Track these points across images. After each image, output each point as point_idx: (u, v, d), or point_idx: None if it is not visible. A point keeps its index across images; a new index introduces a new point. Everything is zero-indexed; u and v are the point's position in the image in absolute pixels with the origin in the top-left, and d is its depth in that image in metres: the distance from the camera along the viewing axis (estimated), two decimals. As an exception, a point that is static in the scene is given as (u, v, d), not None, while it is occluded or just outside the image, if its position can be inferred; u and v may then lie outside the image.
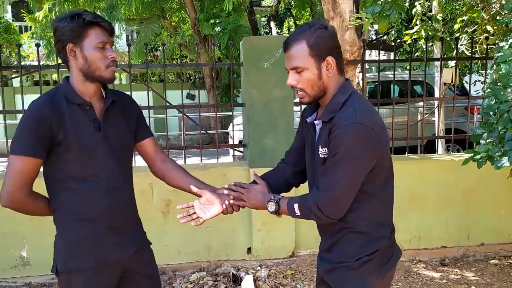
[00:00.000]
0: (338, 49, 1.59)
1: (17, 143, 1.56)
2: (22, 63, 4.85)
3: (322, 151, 1.56)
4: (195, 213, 1.79)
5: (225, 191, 1.76)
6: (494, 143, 2.50)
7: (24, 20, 12.22)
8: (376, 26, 3.95)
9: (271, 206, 1.65)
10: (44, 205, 1.69)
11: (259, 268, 3.60)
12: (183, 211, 1.81)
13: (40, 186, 1.67)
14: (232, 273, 3.41)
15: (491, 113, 2.56)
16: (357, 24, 4.02)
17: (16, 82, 11.59)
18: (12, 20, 16.01)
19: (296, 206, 1.60)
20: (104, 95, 1.71)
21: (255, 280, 3.32)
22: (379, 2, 3.50)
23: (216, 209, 1.76)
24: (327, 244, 1.67)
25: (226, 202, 1.75)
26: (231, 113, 4.51)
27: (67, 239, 1.67)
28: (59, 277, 1.69)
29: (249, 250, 3.80)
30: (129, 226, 1.77)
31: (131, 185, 1.80)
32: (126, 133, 1.76)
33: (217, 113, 4.23)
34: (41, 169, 1.65)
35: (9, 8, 16.33)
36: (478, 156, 2.56)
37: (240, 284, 3.27)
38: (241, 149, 4.52)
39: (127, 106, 1.80)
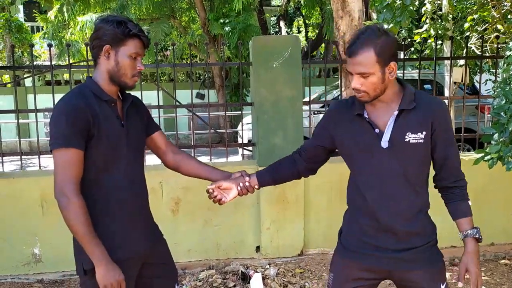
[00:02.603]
0: (397, 54, 1.71)
1: (58, 138, 1.60)
2: (34, 63, 4.92)
3: (416, 136, 1.67)
4: (215, 196, 1.95)
5: (237, 174, 1.96)
6: (505, 144, 2.48)
7: (36, 20, 12.36)
8: (385, 26, 3.95)
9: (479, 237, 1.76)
10: (86, 210, 1.62)
11: (267, 266, 3.62)
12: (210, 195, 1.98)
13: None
14: (241, 271, 3.43)
15: (502, 113, 2.54)
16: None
17: (28, 82, 11.72)
18: (24, 20, 16.18)
19: (470, 217, 1.77)
20: (120, 96, 1.81)
21: (263, 279, 3.34)
22: (390, 9, 3.50)
23: (234, 192, 1.94)
24: (403, 232, 1.71)
25: (241, 184, 1.91)
26: (240, 112, 4.53)
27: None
28: (87, 276, 1.66)
29: (258, 248, 3.82)
30: (146, 219, 1.84)
31: (145, 180, 1.87)
32: (141, 131, 1.86)
33: (226, 113, 4.25)
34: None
35: (21, 8, 16.51)
36: (489, 157, 2.55)
37: (249, 282, 3.29)
38: (250, 148, 4.54)
39: (139, 105, 1.90)
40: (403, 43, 4.27)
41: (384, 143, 1.69)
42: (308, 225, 3.79)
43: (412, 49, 6.54)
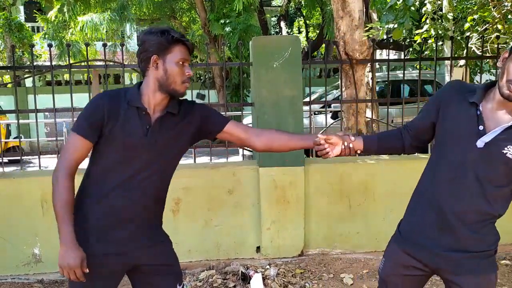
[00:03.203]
0: None
1: (75, 123, 1.74)
2: (35, 63, 4.91)
3: None
4: (325, 148, 1.90)
5: (341, 133, 1.93)
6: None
7: (37, 20, 12.36)
8: (387, 27, 3.95)
9: None
10: (73, 192, 1.72)
11: (268, 266, 3.62)
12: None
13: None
14: (241, 271, 3.42)
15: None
16: (371, 36, 4.01)
17: (28, 82, 11.74)
18: (25, 20, 16.19)
19: None
20: (166, 106, 1.80)
21: (264, 279, 3.34)
22: (392, 10, 3.50)
23: (337, 149, 1.90)
24: (462, 234, 1.68)
25: (345, 144, 1.89)
26: (240, 112, 4.53)
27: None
28: None
29: (258, 248, 3.82)
30: (141, 225, 1.81)
31: (161, 192, 1.87)
32: (176, 143, 1.83)
33: (227, 113, 4.25)
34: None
35: (21, 8, 16.52)
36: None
37: (249, 283, 3.28)
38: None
39: (189, 114, 1.86)
40: (403, 43, 4.26)
41: (481, 142, 1.62)
42: (308, 226, 3.79)
43: (411, 49, 6.54)
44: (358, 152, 1.91)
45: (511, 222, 3.90)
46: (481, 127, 1.63)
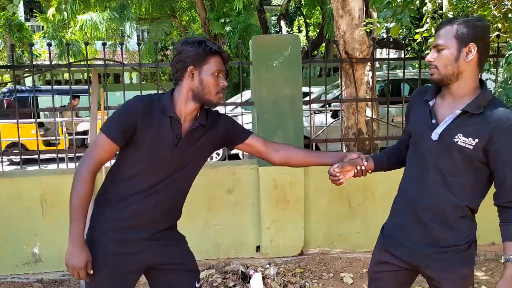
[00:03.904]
0: (485, 44, 1.66)
1: (105, 124, 1.72)
2: (34, 63, 4.91)
3: (466, 140, 1.63)
4: (337, 175, 1.91)
5: (354, 156, 1.94)
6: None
7: (37, 19, 12.36)
8: (387, 24, 3.94)
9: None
10: (91, 189, 1.72)
11: (268, 266, 3.61)
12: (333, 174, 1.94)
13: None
14: (241, 271, 3.42)
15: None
16: (368, 30, 4.00)
17: (28, 82, 11.73)
18: (25, 19, 16.18)
19: None
20: (196, 117, 1.80)
21: (264, 278, 3.34)
22: (391, 6, 3.49)
23: (350, 174, 1.92)
24: (432, 228, 1.71)
25: (358, 168, 1.90)
26: (240, 111, 4.52)
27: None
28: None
29: (258, 248, 3.82)
30: (154, 229, 1.83)
31: (179, 203, 1.92)
32: (200, 154, 1.85)
33: (227, 112, 4.25)
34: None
35: (21, 7, 16.51)
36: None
37: (249, 282, 3.28)
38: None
39: (214, 125, 1.87)
40: (403, 42, 4.26)
41: (435, 135, 1.68)
42: (308, 225, 3.79)
43: (409, 48, 6.53)
44: (369, 172, 1.94)
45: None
46: (433, 121, 1.70)
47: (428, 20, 4.60)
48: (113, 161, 1.87)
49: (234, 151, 4.81)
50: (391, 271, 1.85)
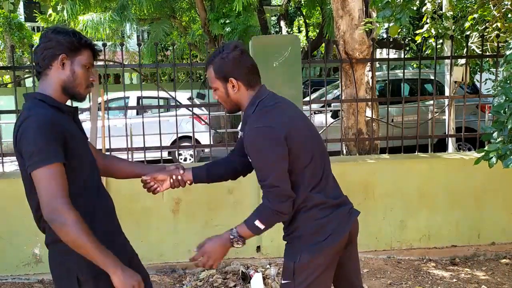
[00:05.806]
0: (242, 69, 1.85)
1: (42, 154, 1.51)
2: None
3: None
4: (152, 186, 2.00)
5: (173, 167, 2.03)
6: (504, 142, 2.48)
7: (36, 20, 12.36)
8: (387, 25, 3.95)
9: (237, 243, 1.96)
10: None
11: (268, 266, 3.62)
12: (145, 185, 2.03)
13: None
14: (242, 271, 3.43)
15: (502, 111, 2.54)
16: (367, 29, 4.01)
17: (29, 82, 11.73)
18: (25, 18, 16.19)
19: (257, 221, 1.93)
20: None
21: (264, 278, 3.34)
22: (390, 6, 3.50)
23: (167, 184, 2.02)
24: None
25: (174, 177, 2.00)
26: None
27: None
28: (83, 286, 1.65)
29: (258, 248, 3.82)
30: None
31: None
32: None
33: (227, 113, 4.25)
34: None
35: (21, 8, 16.51)
36: (490, 155, 2.54)
37: (249, 282, 3.28)
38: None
39: None
40: (403, 42, 4.26)
41: (241, 133, 1.88)
42: (308, 225, 3.78)
43: (408, 48, 6.53)
44: (188, 183, 2.04)
45: (509, 221, 3.92)
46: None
47: (428, 20, 4.61)
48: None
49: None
50: None
